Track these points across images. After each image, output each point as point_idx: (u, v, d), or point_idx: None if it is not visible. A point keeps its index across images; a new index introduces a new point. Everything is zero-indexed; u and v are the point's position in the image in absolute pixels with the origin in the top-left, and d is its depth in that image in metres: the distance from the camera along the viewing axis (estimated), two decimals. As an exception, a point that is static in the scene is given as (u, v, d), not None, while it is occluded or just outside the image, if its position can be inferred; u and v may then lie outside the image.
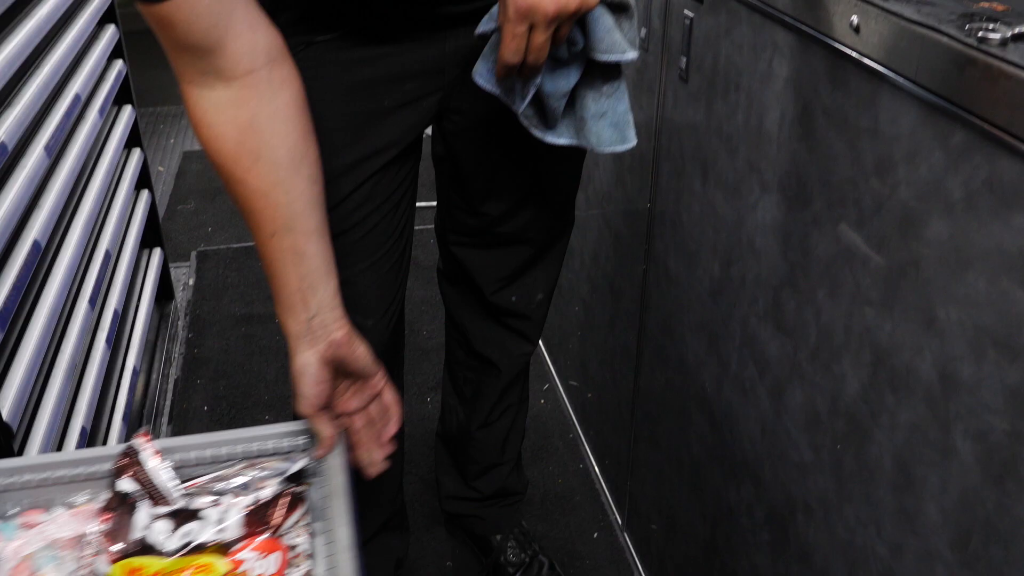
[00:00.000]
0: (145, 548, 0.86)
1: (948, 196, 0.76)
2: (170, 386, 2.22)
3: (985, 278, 0.73)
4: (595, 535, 1.80)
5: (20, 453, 1.24)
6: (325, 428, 0.92)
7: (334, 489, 0.91)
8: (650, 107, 1.41)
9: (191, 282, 2.67)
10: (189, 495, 0.91)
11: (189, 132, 3.86)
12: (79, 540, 0.90)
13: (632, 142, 1.01)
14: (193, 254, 2.82)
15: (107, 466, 0.94)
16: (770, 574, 1.16)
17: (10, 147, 1.32)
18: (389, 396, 0.99)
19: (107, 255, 1.80)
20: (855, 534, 0.95)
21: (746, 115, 1.10)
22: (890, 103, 0.82)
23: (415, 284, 2.21)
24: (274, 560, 0.87)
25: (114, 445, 0.96)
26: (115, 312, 1.82)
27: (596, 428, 1.95)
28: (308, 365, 0.92)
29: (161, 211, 2.92)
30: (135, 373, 1.92)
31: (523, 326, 1.43)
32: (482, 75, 0.99)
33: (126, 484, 0.90)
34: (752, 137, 1.09)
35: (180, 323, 2.48)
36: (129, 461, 0.91)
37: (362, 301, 1.21)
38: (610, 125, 0.99)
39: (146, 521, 0.87)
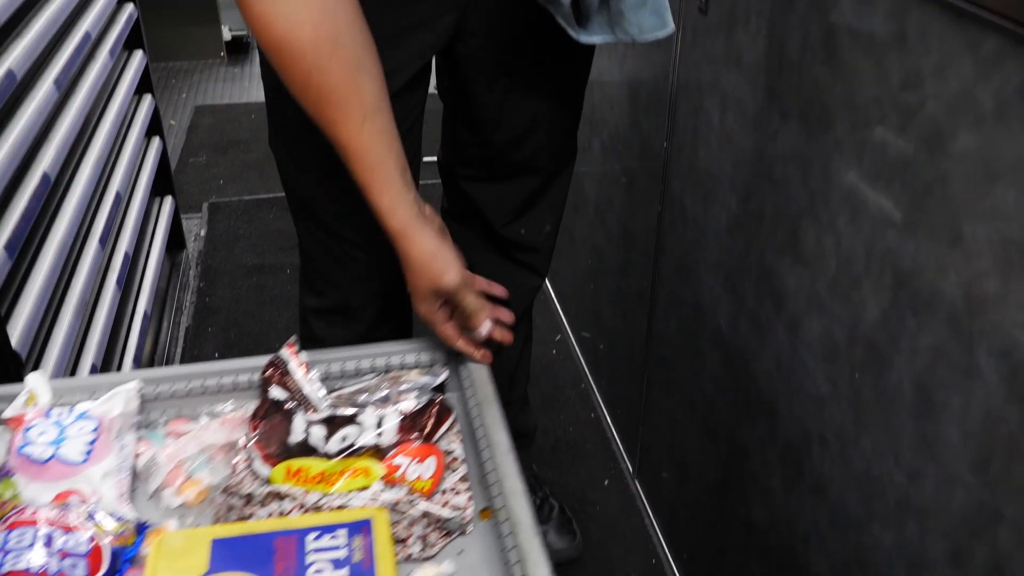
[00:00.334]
0: (304, 451, 0.89)
1: (978, 107, 0.74)
2: (181, 333, 2.22)
3: (1015, 189, 0.71)
4: (606, 482, 1.80)
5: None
6: (482, 309, 0.98)
7: (485, 397, 0.96)
8: (668, 44, 1.38)
9: (203, 233, 2.66)
10: (335, 405, 0.93)
11: (201, 87, 3.84)
12: (231, 446, 0.92)
13: (671, 27, 1.01)
14: (205, 205, 2.81)
15: (250, 376, 1.00)
16: (783, 512, 1.15)
17: (19, 76, 1.31)
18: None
19: (117, 197, 1.79)
20: (872, 464, 0.94)
21: (767, 43, 1.07)
22: (919, 14, 0.79)
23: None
24: (430, 464, 0.89)
25: (259, 356, 0.99)
26: (126, 255, 1.81)
27: (608, 377, 1.94)
28: (440, 241, 0.96)
29: (173, 164, 2.91)
30: (146, 317, 1.91)
31: (532, 259, 1.41)
32: None
33: (277, 392, 0.93)
34: (773, 65, 1.06)
35: (191, 272, 2.47)
36: (276, 371, 0.94)
37: (376, 226, 1.20)
38: (651, 12, 0.99)
39: (303, 426, 0.89)
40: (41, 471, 0.86)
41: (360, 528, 0.82)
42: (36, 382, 0.95)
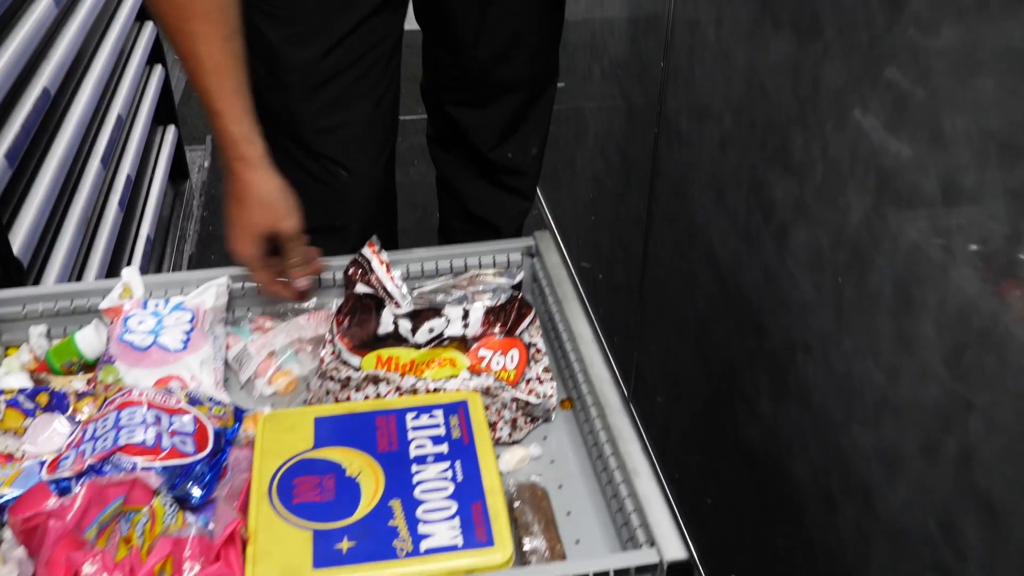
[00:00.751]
0: (392, 342, 0.94)
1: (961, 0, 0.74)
2: (184, 261, 2.25)
3: (994, 80, 0.71)
4: (601, 407, 1.82)
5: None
6: (306, 262, 0.99)
7: (565, 293, 1.01)
8: (667, -39, 1.37)
9: (206, 164, 2.67)
10: (417, 301, 0.97)
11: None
12: (317, 340, 0.97)
13: None
14: (208, 137, 2.81)
15: (332, 275, 1.07)
16: (770, 422, 1.17)
17: (16, -12, 1.32)
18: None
19: (119, 120, 1.80)
20: (852, 365, 0.95)
21: (762, -49, 1.07)
22: (907, -92, 0.79)
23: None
24: (513, 356, 0.93)
25: (341, 256, 1.07)
26: (128, 177, 1.83)
27: (606, 306, 1.96)
28: (284, 183, 0.95)
29: (177, 96, 2.91)
30: (148, 242, 1.94)
31: (519, 183, 1.42)
32: None
33: (362, 288, 0.97)
34: (767, -26, 1.06)
35: (195, 203, 2.49)
36: (359, 269, 0.99)
37: (358, 144, 1.21)
38: None
39: (391, 319, 0.95)
40: (142, 358, 0.91)
41: (456, 409, 0.88)
42: (131, 275, 0.99)
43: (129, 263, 1.82)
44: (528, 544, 0.80)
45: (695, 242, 1.36)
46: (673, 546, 0.75)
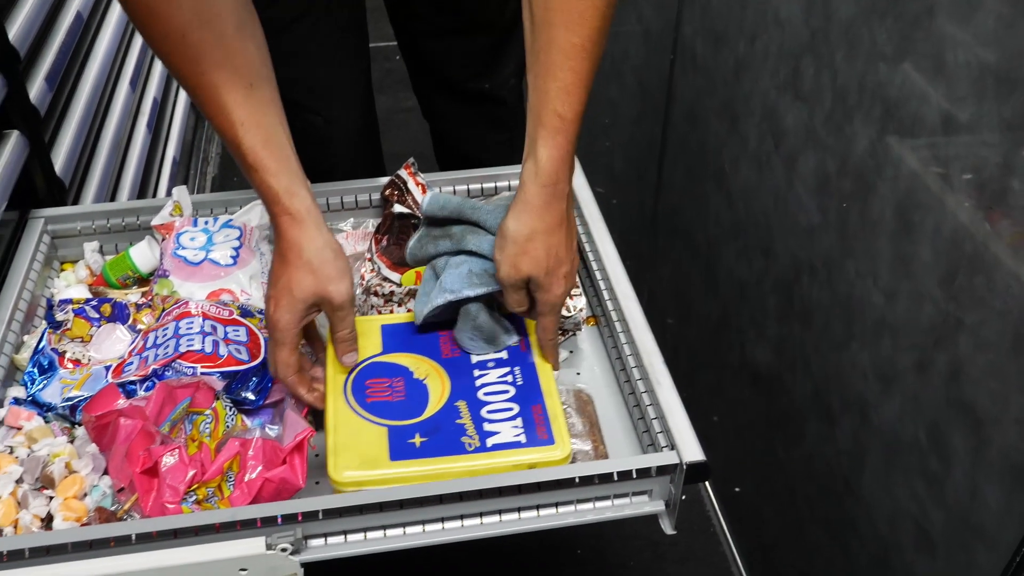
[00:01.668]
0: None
1: (967, -62, 0.78)
2: (208, 183, 2.30)
3: (994, 16, 0.75)
4: (613, 327, 1.89)
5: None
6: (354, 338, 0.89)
7: (590, 215, 1.10)
8: None
9: (226, 86, 2.70)
10: None
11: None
12: (356, 257, 1.03)
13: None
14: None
15: (369, 196, 1.10)
16: (775, 340, 1.24)
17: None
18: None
19: (144, 44, 1.84)
20: (854, 287, 1.01)
21: None
22: None
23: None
24: None
25: (377, 179, 1.10)
26: (154, 100, 1.87)
27: (619, 231, 2.00)
28: (337, 242, 0.83)
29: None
30: (175, 163, 1.99)
31: (499, 112, 1.44)
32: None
33: (399, 208, 1.02)
34: (785, -95, 1.09)
35: (216, 125, 2.53)
36: (396, 190, 1.03)
37: (327, 92, 1.23)
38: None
39: None
40: (194, 272, 0.97)
41: (512, 318, 0.94)
42: (180, 194, 1.05)
43: (157, 184, 1.88)
44: (574, 445, 0.87)
45: (707, 167, 1.41)
46: (692, 449, 0.82)
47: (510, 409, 0.87)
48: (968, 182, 0.80)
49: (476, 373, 0.90)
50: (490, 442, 0.84)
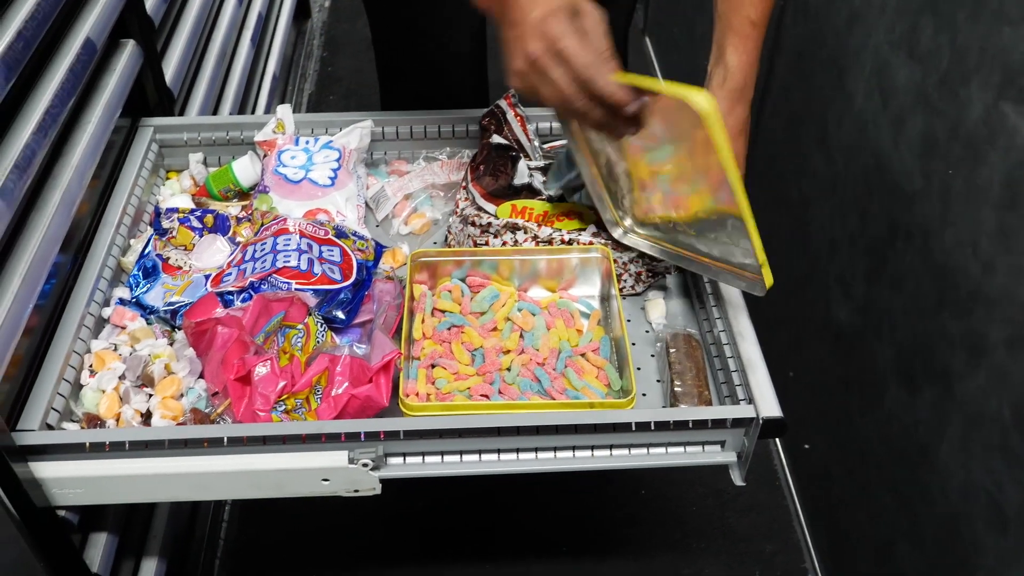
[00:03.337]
0: (526, 193, 1.01)
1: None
2: (304, 100, 2.33)
3: None
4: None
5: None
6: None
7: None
8: None
9: (327, 4, 2.72)
10: (548, 156, 1.03)
11: None
12: (450, 186, 1.05)
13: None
14: (330, -23, 2.85)
15: (466, 126, 1.11)
16: (861, 301, 1.22)
17: None
18: None
19: (251, -43, 1.86)
20: (951, 256, 0.99)
21: None
22: None
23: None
24: None
25: (474, 109, 1.10)
26: (259, 15, 1.89)
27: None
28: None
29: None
30: (274, 79, 2.02)
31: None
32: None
33: (497, 139, 1.03)
34: None
35: (315, 42, 2.55)
36: (494, 121, 1.04)
37: (448, 21, 1.23)
38: None
39: (526, 171, 0.99)
40: (293, 190, 1.00)
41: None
42: (284, 112, 1.08)
43: (256, 100, 1.91)
44: (680, 388, 0.89)
45: (809, 121, 1.38)
46: (770, 404, 0.83)
47: None
48: (1087, 158, 0.77)
49: None
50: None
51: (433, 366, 0.87)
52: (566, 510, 1.50)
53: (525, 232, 0.96)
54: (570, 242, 0.97)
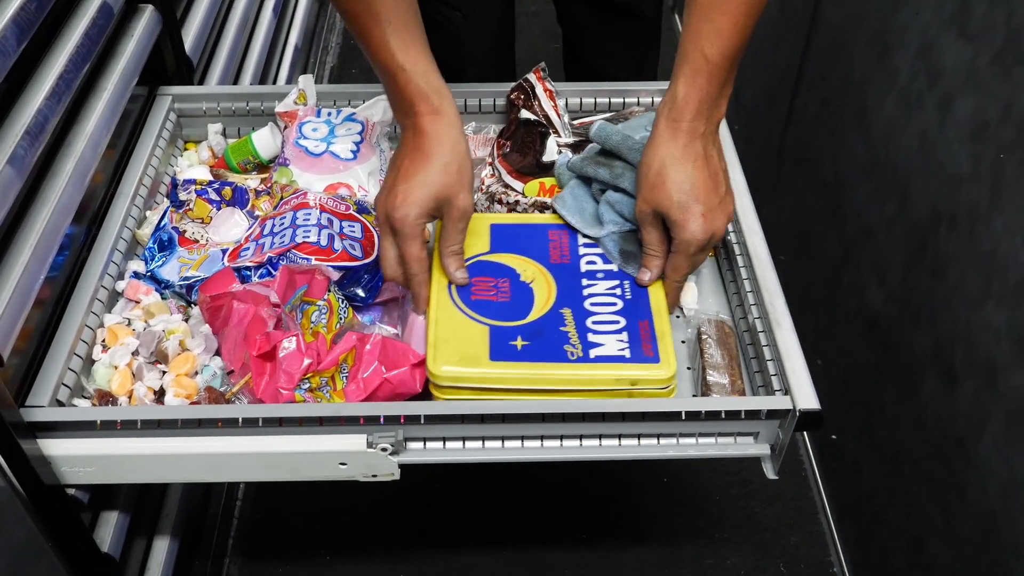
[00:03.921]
0: (552, 170, 0.97)
1: None
2: (326, 72, 2.30)
3: None
4: (722, 257, 1.84)
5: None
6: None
7: (724, 144, 1.03)
8: None
9: (351, -24, 2.67)
10: (577, 133, 1.00)
11: None
12: (477, 161, 1.02)
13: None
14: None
15: (493, 100, 1.07)
16: (899, 289, 1.18)
17: None
18: None
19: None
20: (999, 244, 0.94)
21: None
22: None
23: None
24: None
25: (502, 83, 1.06)
26: (281, -17, 1.86)
27: (740, 157, 1.93)
28: (470, 159, 0.83)
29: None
30: (296, 50, 1.98)
31: (635, 27, 1.38)
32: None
33: (526, 114, 0.99)
34: None
35: (338, 15, 2.51)
36: (522, 95, 1.01)
37: None
38: None
39: (555, 148, 0.96)
40: (314, 163, 0.96)
41: None
42: (306, 83, 1.04)
43: (278, 70, 1.88)
44: (712, 377, 0.85)
45: (848, 100, 1.33)
46: (807, 396, 0.79)
47: (616, 322, 0.84)
48: None
49: (584, 282, 0.88)
50: (593, 353, 0.81)
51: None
52: (586, 496, 1.47)
53: (554, 211, 0.93)
54: None
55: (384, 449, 0.77)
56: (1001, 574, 0.96)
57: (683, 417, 0.79)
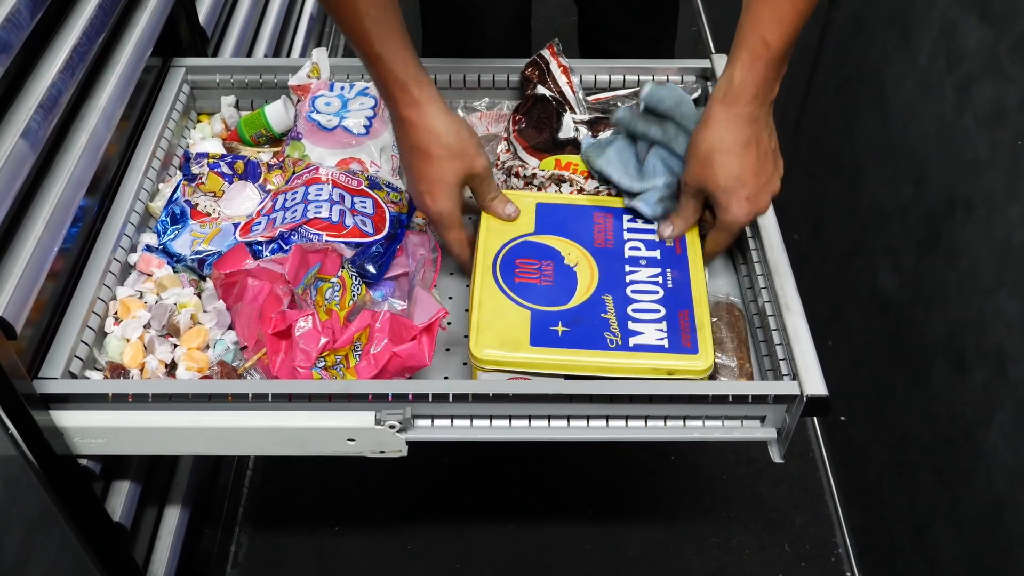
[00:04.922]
0: (572, 148, 0.97)
1: None
2: (341, 45, 2.28)
3: None
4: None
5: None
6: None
7: None
8: None
9: (367, -55, 2.65)
10: (592, 109, 0.99)
11: None
12: (490, 137, 1.01)
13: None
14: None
15: (507, 76, 1.07)
16: (912, 274, 1.17)
17: None
18: None
19: None
20: (1015, 232, 0.94)
21: None
22: None
23: None
24: None
25: (516, 59, 1.06)
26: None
27: (755, 137, 1.92)
28: (464, 123, 0.85)
29: None
30: (311, 20, 1.97)
31: (651, 7, 1.37)
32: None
33: (541, 90, 0.99)
34: None
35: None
36: (537, 71, 1.00)
37: None
38: None
39: (571, 124, 0.96)
40: (327, 137, 0.96)
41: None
42: (320, 56, 1.03)
43: (292, 43, 1.87)
44: (720, 359, 0.85)
45: (866, 81, 1.31)
46: (815, 381, 0.79)
47: (657, 311, 0.84)
48: None
49: (627, 268, 0.87)
50: (632, 341, 0.82)
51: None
52: (593, 473, 1.48)
53: (571, 185, 0.92)
54: (618, 194, 0.93)
55: (392, 426, 0.77)
56: (1006, 562, 0.96)
57: (690, 400, 0.79)
